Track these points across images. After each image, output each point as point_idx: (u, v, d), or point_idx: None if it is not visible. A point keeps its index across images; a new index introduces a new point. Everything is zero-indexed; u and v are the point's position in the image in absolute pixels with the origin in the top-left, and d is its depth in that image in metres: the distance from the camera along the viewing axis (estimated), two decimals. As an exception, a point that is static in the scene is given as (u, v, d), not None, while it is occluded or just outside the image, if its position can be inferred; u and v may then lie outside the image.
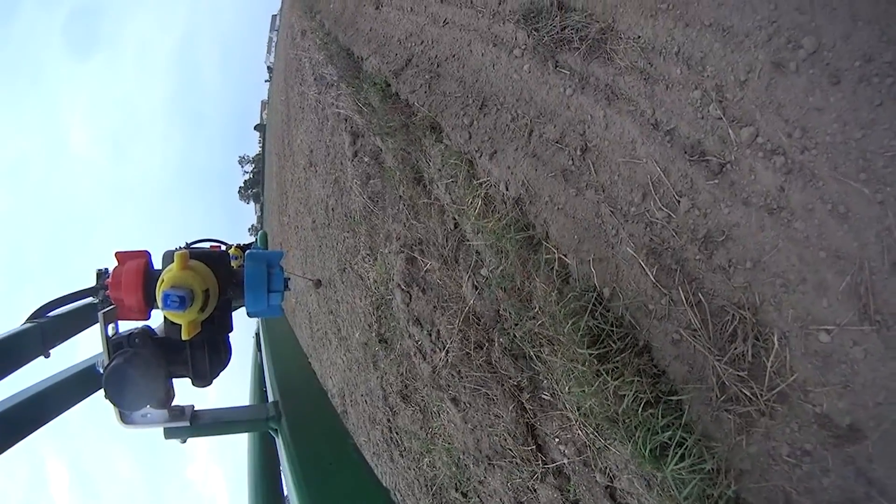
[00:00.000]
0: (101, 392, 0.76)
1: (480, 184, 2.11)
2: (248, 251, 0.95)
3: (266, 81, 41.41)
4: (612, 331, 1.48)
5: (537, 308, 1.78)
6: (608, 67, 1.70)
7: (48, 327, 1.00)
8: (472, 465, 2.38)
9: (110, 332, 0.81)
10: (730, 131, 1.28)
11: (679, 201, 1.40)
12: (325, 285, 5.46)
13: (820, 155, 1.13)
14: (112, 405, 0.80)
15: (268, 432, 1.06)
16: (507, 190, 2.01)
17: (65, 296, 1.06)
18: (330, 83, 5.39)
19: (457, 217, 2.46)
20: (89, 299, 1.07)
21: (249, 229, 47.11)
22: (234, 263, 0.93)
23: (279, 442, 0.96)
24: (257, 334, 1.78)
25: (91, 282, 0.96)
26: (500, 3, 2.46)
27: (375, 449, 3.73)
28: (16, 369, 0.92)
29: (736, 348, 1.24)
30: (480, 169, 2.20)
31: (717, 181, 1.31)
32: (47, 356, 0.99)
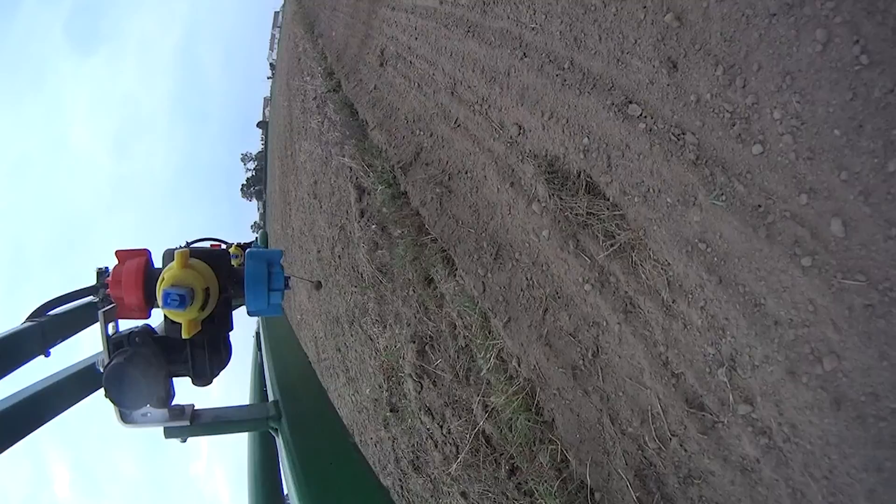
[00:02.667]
0: (102, 391, 0.75)
1: (494, 344, 2.16)
2: (248, 250, 0.95)
3: (269, 78, 39.89)
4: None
5: (542, 470, 1.98)
6: (630, 277, 1.71)
7: (48, 326, 1.01)
8: (479, 549, 2.65)
9: (110, 330, 0.81)
10: (730, 398, 1.40)
11: (671, 440, 1.53)
12: (332, 322, 5.56)
13: (798, 451, 1.27)
14: (112, 404, 0.80)
15: (268, 432, 1.06)
16: (518, 366, 2.08)
17: (65, 295, 1.07)
18: (333, 121, 5.25)
19: (469, 342, 2.57)
20: (89, 298, 1.08)
21: (252, 226, 46.82)
22: (234, 262, 0.94)
23: (279, 441, 0.96)
24: (257, 333, 1.78)
25: (91, 280, 0.95)
26: (519, 133, 2.41)
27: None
28: (16, 368, 0.92)
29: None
30: (495, 329, 2.23)
31: (706, 436, 1.45)
32: (47, 355, 0.99)
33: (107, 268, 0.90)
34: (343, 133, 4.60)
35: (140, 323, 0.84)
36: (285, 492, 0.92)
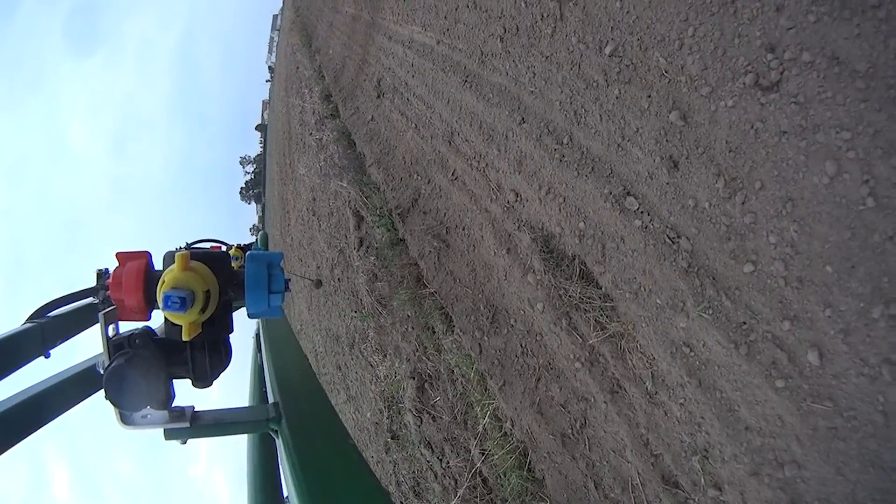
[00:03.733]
0: (102, 393, 0.76)
1: (490, 403, 2.29)
2: (248, 252, 0.96)
3: (267, 82, 39.66)
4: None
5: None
6: (618, 362, 1.78)
7: (48, 327, 1.01)
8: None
9: (111, 332, 0.81)
10: (702, 482, 1.56)
11: (648, 510, 1.69)
12: (332, 339, 5.63)
13: (761, 535, 1.46)
14: (112, 406, 0.80)
15: (268, 433, 1.06)
16: (512, 427, 2.21)
17: (65, 296, 1.08)
18: (331, 152, 5.24)
19: (466, 391, 2.71)
20: (90, 300, 1.09)
21: (251, 229, 46.74)
22: (234, 264, 0.94)
23: (279, 443, 0.96)
24: (257, 335, 1.79)
25: (91, 282, 0.96)
26: (516, 200, 2.40)
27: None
28: (16, 369, 0.93)
29: None
30: (491, 389, 2.34)
31: (679, 510, 1.63)
32: (47, 356, 1.00)
33: (107, 269, 0.92)
34: (341, 164, 4.61)
35: (140, 325, 0.85)
36: (285, 494, 0.93)
